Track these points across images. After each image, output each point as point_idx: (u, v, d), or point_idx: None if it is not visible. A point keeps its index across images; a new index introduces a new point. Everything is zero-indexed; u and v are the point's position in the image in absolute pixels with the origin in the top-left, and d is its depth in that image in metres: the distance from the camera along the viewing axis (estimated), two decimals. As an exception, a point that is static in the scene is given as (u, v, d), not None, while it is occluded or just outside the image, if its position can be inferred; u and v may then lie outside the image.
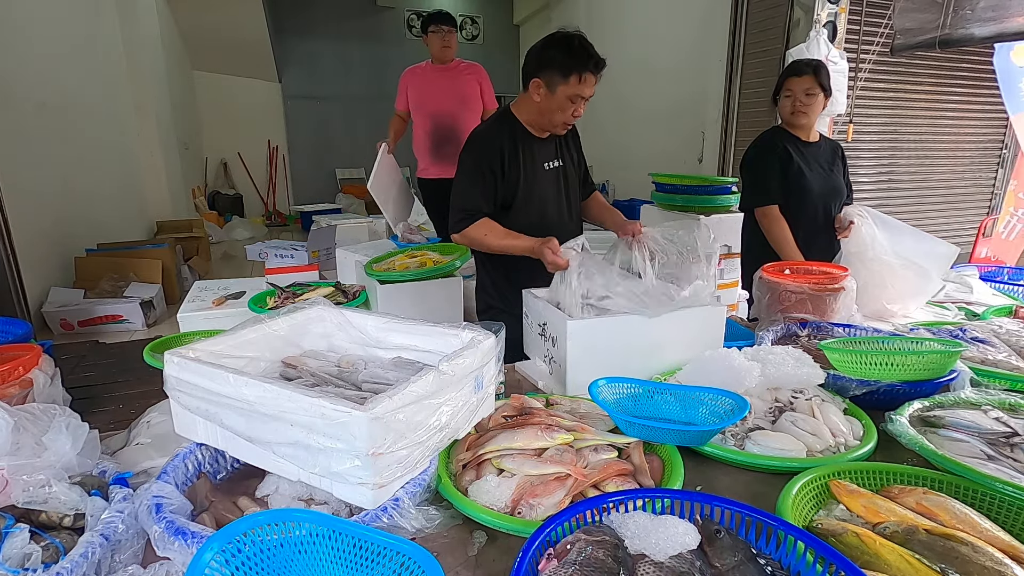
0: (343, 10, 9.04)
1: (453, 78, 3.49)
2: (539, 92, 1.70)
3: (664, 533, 0.77)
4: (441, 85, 3.47)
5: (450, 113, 3.48)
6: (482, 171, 1.75)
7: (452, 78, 3.49)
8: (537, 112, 1.76)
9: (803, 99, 2.16)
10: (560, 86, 1.66)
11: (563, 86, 1.66)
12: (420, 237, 3.34)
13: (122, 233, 5.05)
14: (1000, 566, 0.72)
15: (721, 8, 4.57)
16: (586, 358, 1.33)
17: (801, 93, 2.16)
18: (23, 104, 3.67)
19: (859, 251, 2.01)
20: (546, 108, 1.72)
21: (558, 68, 1.65)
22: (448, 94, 3.47)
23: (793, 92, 2.18)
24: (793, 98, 2.18)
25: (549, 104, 1.70)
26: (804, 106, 2.17)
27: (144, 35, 5.89)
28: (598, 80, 1.69)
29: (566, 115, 1.71)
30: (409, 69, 3.55)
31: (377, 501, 0.85)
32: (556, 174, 1.88)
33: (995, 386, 1.29)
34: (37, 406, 0.99)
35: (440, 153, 3.50)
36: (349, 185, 9.58)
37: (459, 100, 3.50)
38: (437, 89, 3.47)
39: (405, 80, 3.53)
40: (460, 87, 3.50)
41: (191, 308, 2.55)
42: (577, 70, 1.64)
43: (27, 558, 0.77)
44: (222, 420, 0.93)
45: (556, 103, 1.69)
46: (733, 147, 4.70)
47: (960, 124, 4.61)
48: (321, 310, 1.27)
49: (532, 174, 1.81)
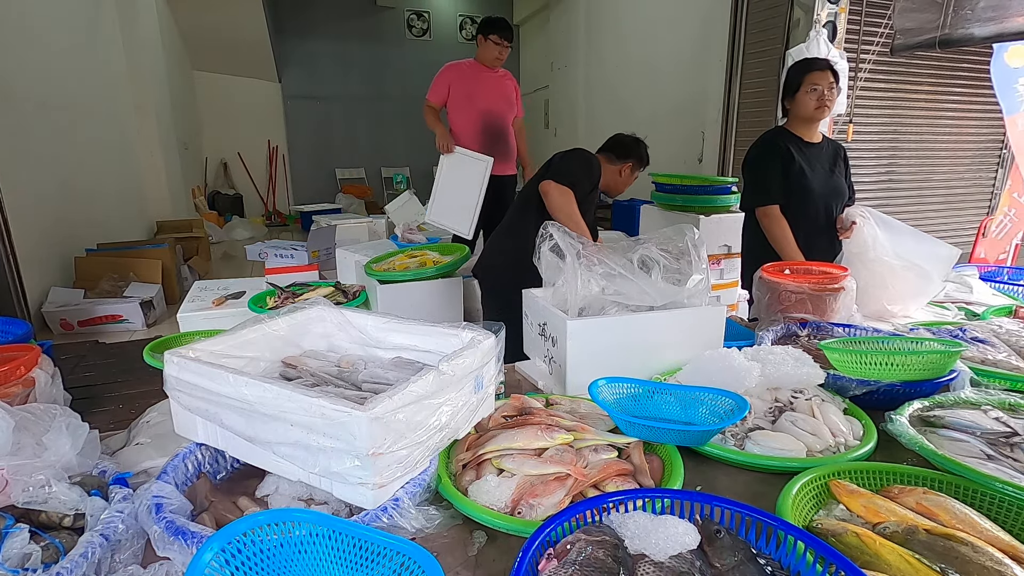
0: (343, 10, 9.05)
1: (498, 80, 3.64)
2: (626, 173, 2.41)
3: (664, 533, 0.77)
4: (491, 85, 3.59)
5: (499, 113, 3.62)
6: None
7: (498, 80, 3.64)
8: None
9: (828, 93, 2.16)
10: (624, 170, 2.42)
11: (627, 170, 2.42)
12: (420, 237, 3.34)
13: (122, 233, 5.05)
14: (1000, 566, 0.72)
15: (721, 8, 4.56)
16: (586, 358, 1.33)
17: (826, 87, 2.16)
18: (23, 104, 3.67)
19: (860, 252, 2.01)
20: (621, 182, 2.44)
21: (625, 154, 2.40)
22: (497, 95, 3.61)
23: (820, 85, 2.16)
24: (820, 92, 2.16)
25: (623, 180, 2.44)
26: (830, 100, 2.17)
27: (144, 35, 5.89)
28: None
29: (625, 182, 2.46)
30: (452, 65, 3.61)
31: (377, 501, 0.85)
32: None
33: (995, 386, 1.29)
34: (38, 406, 0.99)
35: (495, 147, 3.58)
36: (349, 185, 9.59)
37: (506, 102, 3.65)
38: (487, 89, 3.58)
39: (448, 75, 3.57)
40: (505, 90, 3.66)
41: (191, 308, 2.55)
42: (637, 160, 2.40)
43: (27, 558, 0.77)
44: (222, 420, 0.93)
45: (625, 180, 2.44)
46: (733, 147, 4.70)
47: (960, 124, 4.61)
48: (321, 310, 1.27)
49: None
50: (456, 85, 3.56)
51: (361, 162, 9.84)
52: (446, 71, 3.60)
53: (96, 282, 4.06)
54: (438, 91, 3.59)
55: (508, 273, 1.93)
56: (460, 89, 3.56)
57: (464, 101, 3.56)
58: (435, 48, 9.44)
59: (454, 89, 3.56)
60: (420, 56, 9.26)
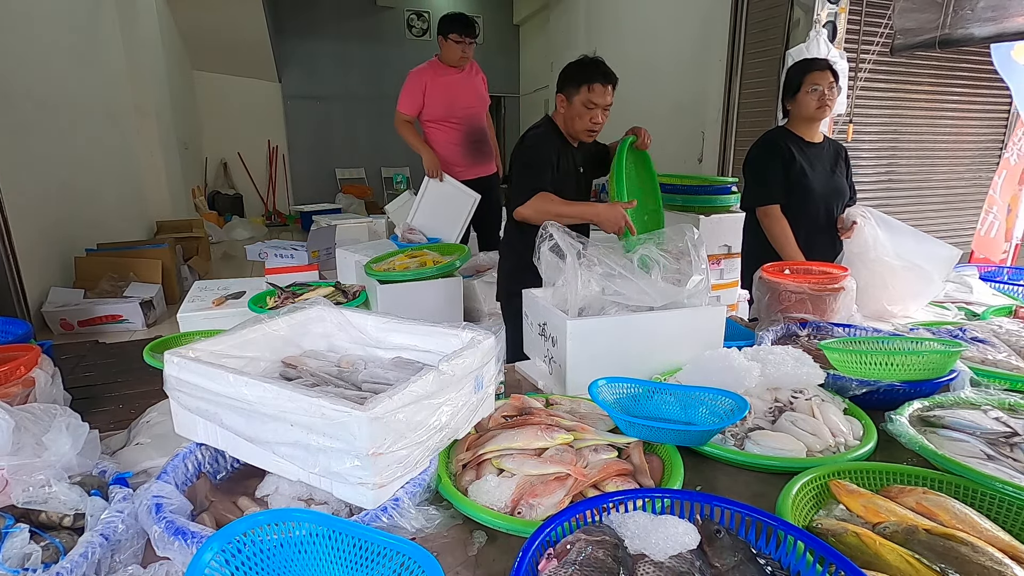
0: (343, 10, 9.04)
1: (470, 79, 3.46)
2: (562, 104, 2.05)
3: (664, 533, 0.77)
4: (466, 88, 3.41)
5: (478, 114, 3.51)
6: (543, 162, 2.03)
7: (469, 78, 3.46)
8: (562, 122, 2.08)
9: (829, 92, 2.17)
10: (574, 96, 1.99)
11: (576, 96, 1.99)
12: (420, 237, 3.34)
13: (122, 233, 5.05)
14: (1000, 566, 0.72)
15: (721, 8, 4.56)
16: (586, 358, 1.33)
17: (827, 86, 2.16)
18: (23, 104, 3.67)
19: (861, 252, 2.01)
20: (567, 117, 2.05)
21: (570, 81, 2.00)
22: (472, 96, 3.47)
23: (820, 85, 2.17)
24: (821, 91, 2.17)
25: (569, 113, 2.04)
26: (830, 99, 2.18)
27: (144, 35, 5.89)
28: (610, 91, 1.99)
29: (584, 122, 2.01)
30: (419, 71, 3.38)
31: (377, 501, 0.85)
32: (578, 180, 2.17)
33: (995, 386, 1.29)
34: (38, 406, 0.99)
35: (478, 153, 3.53)
36: (349, 185, 9.58)
37: (480, 100, 3.52)
38: (465, 91, 3.40)
39: (418, 83, 3.34)
40: (477, 87, 3.52)
41: (191, 308, 2.55)
42: (586, 81, 1.96)
43: (27, 558, 0.77)
44: (222, 420, 0.93)
45: (574, 111, 2.01)
46: (733, 147, 4.70)
47: (960, 124, 4.61)
48: (321, 310, 1.27)
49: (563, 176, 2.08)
50: (432, 91, 3.33)
51: (361, 162, 9.83)
52: (416, 78, 3.35)
53: (96, 282, 4.06)
54: (411, 100, 3.35)
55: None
56: (438, 96, 3.34)
57: (444, 108, 3.36)
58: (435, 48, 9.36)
59: (430, 96, 3.34)
60: (420, 56, 9.07)
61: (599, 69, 1.98)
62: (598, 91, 1.96)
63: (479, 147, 3.53)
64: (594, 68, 1.98)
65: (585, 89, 1.96)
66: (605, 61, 2.03)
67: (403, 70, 3.60)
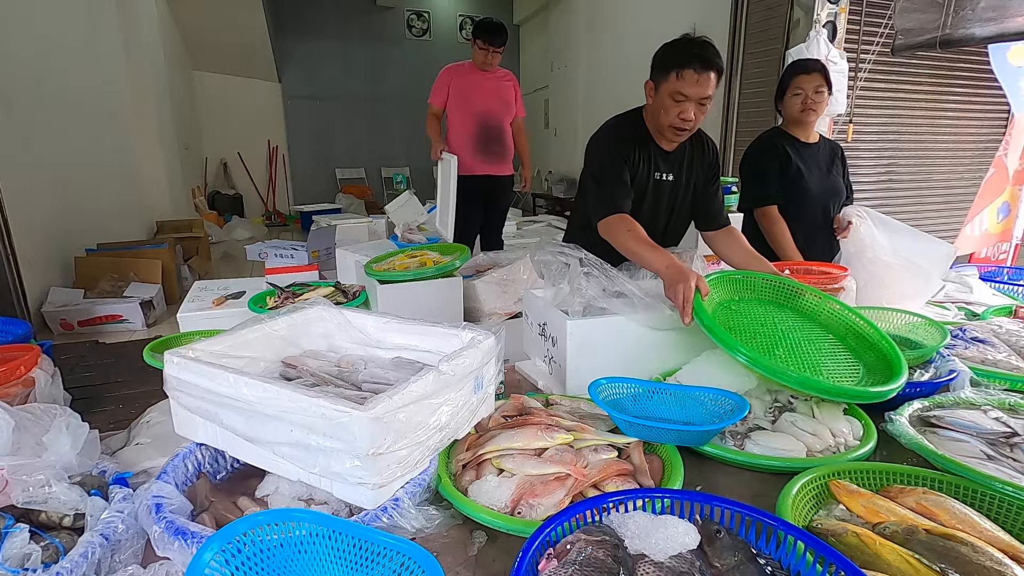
0: (343, 10, 9.05)
1: (496, 82, 3.68)
2: (650, 94, 1.68)
3: (664, 533, 0.77)
4: (487, 87, 3.64)
5: (495, 114, 3.67)
6: (617, 166, 1.70)
7: (496, 81, 3.68)
8: (650, 115, 1.72)
9: (813, 96, 2.17)
10: (662, 84, 1.60)
11: (664, 83, 1.59)
12: (420, 237, 3.34)
13: (122, 233, 5.05)
14: (1000, 566, 0.72)
15: (721, 8, 4.56)
16: (586, 358, 1.33)
17: (811, 90, 2.17)
18: (23, 104, 3.67)
19: (858, 251, 2.01)
20: (654, 109, 1.68)
21: (660, 65, 1.60)
22: (493, 96, 3.66)
23: (804, 90, 2.18)
24: (804, 96, 2.18)
25: (655, 105, 1.66)
26: (814, 103, 2.18)
27: (144, 35, 5.89)
28: (707, 80, 1.56)
29: (670, 117, 1.63)
30: (451, 67, 3.67)
31: (377, 501, 0.85)
32: (664, 187, 1.81)
33: (995, 386, 1.29)
34: (38, 406, 0.99)
35: (489, 152, 3.68)
36: (349, 185, 9.59)
37: (503, 103, 3.70)
38: (483, 90, 3.63)
39: (447, 77, 3.63)
40: (503, 92, 3.70)
41: (191, 308, 2.54)
42: (676, 66, 1.56)
43: (27, 558, 0.77)
44: (222, 420, 0.93)
45: (660, 103, 1.63)
46: (733, 147, 4.70)
47: (960, 124, 4.61)
48: (321, 310, 1.27)
49: (645, 182, 1.76)
50: (455, 86, 3.63)
51: (361, 162, 9.84)
52: (445, 73, 3.66)
53: (96, 282, 4.06)
54: (439, 94, 3.66)
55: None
56: (457, 90, 3.63)
57: (460, 103, 3.63)
58: (435, 48, 9.45)
59: (453, 90, 3.63)
60: (420, 56, 9.26)
61: (696, 52, 1.54)
62: (689, 79, 1.54)
63: (491, 147, 3.69)
64: (687, 50, 1.55)
65: (674, 76, 1.55)
66: (713, 43, 1.58)
67: (403, 70, 3.69)
